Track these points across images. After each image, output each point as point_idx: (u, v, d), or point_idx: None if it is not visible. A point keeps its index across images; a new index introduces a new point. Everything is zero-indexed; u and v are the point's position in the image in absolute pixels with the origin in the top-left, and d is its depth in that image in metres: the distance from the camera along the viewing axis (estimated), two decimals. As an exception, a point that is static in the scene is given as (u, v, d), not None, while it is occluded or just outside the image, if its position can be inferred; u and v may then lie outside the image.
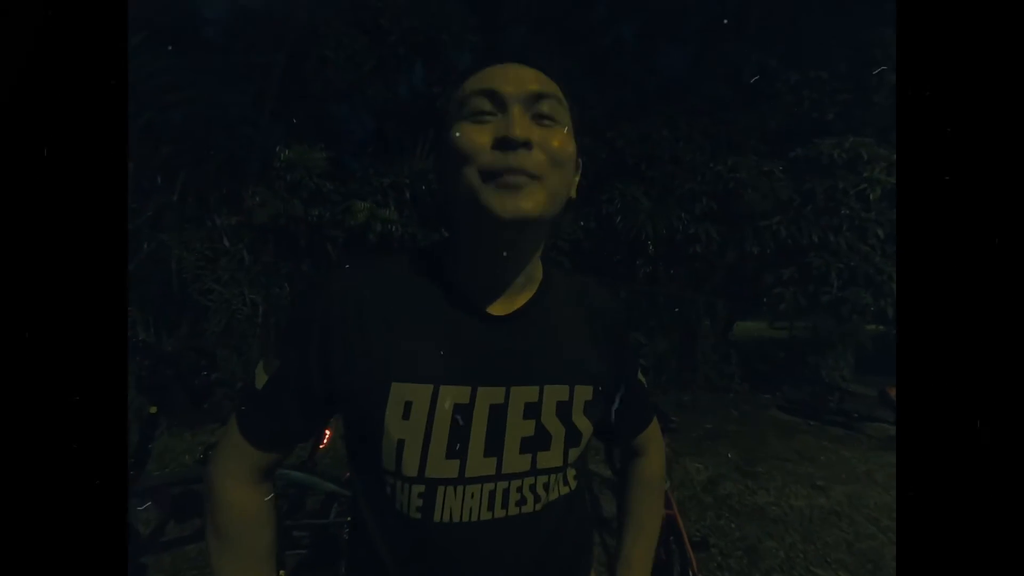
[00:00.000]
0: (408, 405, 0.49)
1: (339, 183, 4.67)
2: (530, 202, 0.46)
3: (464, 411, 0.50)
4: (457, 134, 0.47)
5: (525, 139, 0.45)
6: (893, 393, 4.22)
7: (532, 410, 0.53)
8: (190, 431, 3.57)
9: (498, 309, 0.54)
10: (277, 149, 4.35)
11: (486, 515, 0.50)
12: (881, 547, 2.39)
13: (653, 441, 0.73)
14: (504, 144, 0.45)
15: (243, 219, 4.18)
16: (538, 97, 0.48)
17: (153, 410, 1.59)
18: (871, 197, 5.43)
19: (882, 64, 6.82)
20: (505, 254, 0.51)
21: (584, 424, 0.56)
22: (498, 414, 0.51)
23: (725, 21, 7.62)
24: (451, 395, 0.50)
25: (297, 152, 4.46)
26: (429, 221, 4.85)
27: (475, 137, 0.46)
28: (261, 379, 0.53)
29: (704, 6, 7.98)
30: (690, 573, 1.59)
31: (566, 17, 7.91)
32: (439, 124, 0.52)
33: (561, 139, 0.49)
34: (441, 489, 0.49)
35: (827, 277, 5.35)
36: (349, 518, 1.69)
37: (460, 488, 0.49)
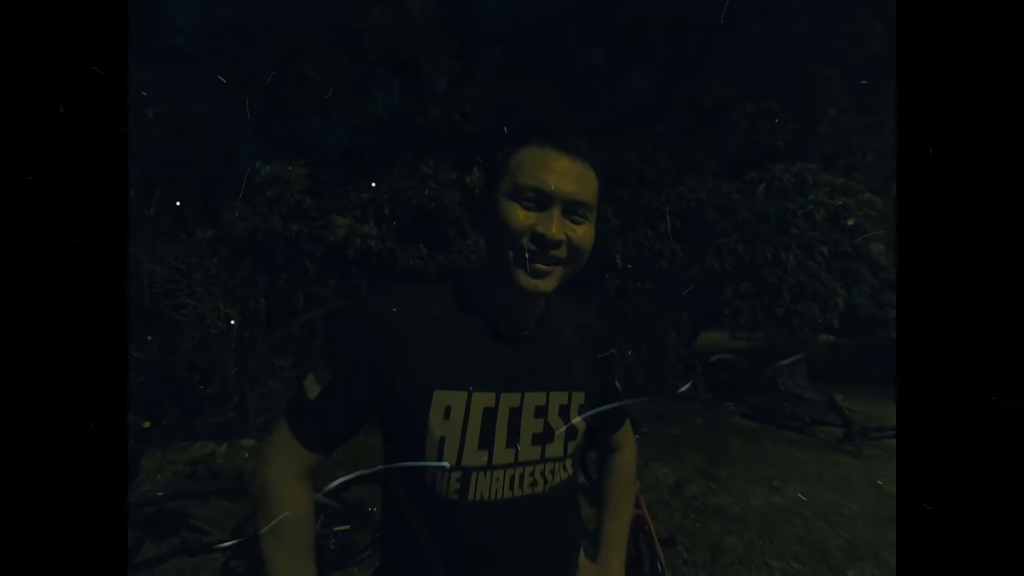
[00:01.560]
0: (448, 409, 0.62)
1: (318, 198, 4.70)
2: (551, 284, 0.62)
3: (490, 412, 0.64)
4: (506, 210, 0.60)
5: (560, 240, 0.60)
6: (840, 399, 4.60)
7: (540, 412, 0.68)
8: (159, 450, 3.48)
9: (515, 330, 0.69)
10: (257, 164, 4.36)
11: (507, 494, 0.65)
12: (827, 540, 2.63)
13: (626, 438, 0.90)
14: (541, 241, 0.59)
15: (220, 233, 4.15)
16: (576, 204, 0.61)
17: (147, 424, 1.63)
18: (816, 218, 5.95)
19: (824, 97, 7.52)
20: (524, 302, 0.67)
21: (579, 423, 0.71)
22: (515, 414, 0.66)
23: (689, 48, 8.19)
24: (481, 400, 0.64)
25: (276, 167, 4.49)
26: (407, 236, 4.94)
27: (520, 219, 0.60)
28: (313, 390, 0.64)
29: (667, 39, 8.56)
30: (659, 567, 1.74)
31: (538, 43, 8.28)
32: (491, 176, 0.64)
33: (585, 230, 0.63)
34: (474, 475, 0.63)
35: (780, 291, 5.79)
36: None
37: (488, 473, 0.64)
